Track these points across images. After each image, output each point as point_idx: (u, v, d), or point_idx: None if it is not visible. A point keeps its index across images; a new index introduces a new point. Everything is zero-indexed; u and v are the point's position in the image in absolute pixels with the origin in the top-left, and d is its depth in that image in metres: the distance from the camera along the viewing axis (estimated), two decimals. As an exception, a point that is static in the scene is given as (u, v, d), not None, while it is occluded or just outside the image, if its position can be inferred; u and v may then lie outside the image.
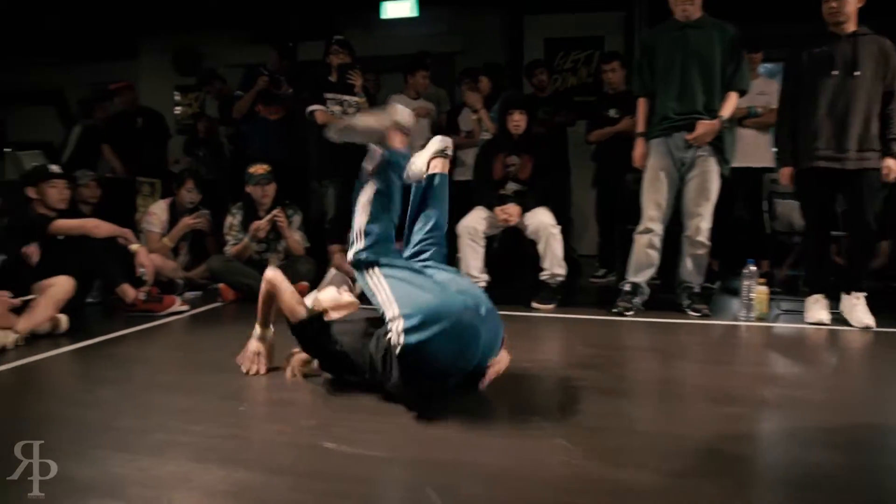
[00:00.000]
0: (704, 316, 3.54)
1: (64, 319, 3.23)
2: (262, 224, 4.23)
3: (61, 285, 3.20)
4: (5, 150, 5.44)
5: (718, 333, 3.31)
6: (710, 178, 3.55)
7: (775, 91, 4.38)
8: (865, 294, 3.32)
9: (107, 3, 6.56)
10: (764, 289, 3.49)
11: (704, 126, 3.48)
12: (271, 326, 2.49)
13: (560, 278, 3.88)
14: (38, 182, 3.67)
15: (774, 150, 3.56)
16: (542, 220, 3.87)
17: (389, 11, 6.59)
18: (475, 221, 3.94)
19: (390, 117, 2.36)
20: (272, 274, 2.38)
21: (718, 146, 3.53)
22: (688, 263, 3.66)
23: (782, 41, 3.64)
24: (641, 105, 3.75)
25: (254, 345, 2.47)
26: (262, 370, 2.44)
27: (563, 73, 6.60)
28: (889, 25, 3.35)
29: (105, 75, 7.14)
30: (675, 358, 2.84)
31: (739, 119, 4.42)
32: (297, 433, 1.85)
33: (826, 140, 3.24)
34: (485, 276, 3.92)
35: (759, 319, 3.44)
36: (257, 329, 2.48)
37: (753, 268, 3.48)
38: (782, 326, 3.39)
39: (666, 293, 3.92)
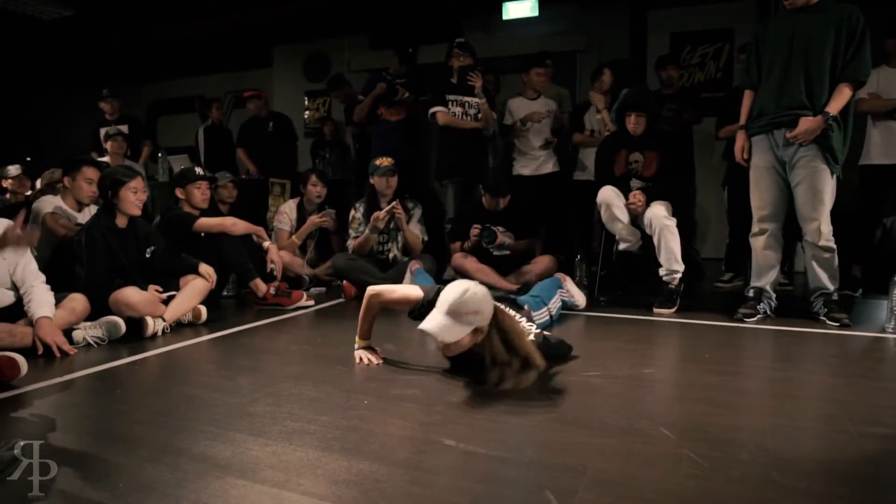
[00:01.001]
0: (844, 326, 3.26)
1: (204, 310, 3.52)
2: (381, 214, 4.35)
3: (202, 280, 3.49)
4: (159, 154, 6.02)
5: (860, 346, 3.03)
6: (819, 179, 3.24)
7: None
8: None
9: (245, 17, 7.04)
10: (916, 298, 3.16)
11: (807, 123, 3.20)
12: (368, 340, 2.70)
13: (677, 275, 3.73)
14: (186, 184, 4.01)
15: None
16: (655, 213, 3.75)
17: (511, 12, 6.59)
18: (611, 192, 3.92)
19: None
20: (374, 289, 2.59)
21: (826, 144, 3.21)
22: (815, 269, 3.39)
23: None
24: (747, 98, 3.54)
25: (359, 353, 2.67)
26: (377, 361, 2.63)
27: (689, 69, 6.31)
28: None
29: (243, 83, 7.70)
30: (808, 370, 2.64)
31: (891, 111, 4.05)
32: (417, 428, 1.90)
33: None
34: (636, 236, 3.93)
35: (911, 332, 3.13)
36: (357, 342, 2.70)
37: (905, 275, 3.16)
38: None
39: (803, 301, 3.65)
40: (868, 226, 4.31)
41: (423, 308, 2.41)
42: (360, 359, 2.65)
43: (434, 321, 2.19)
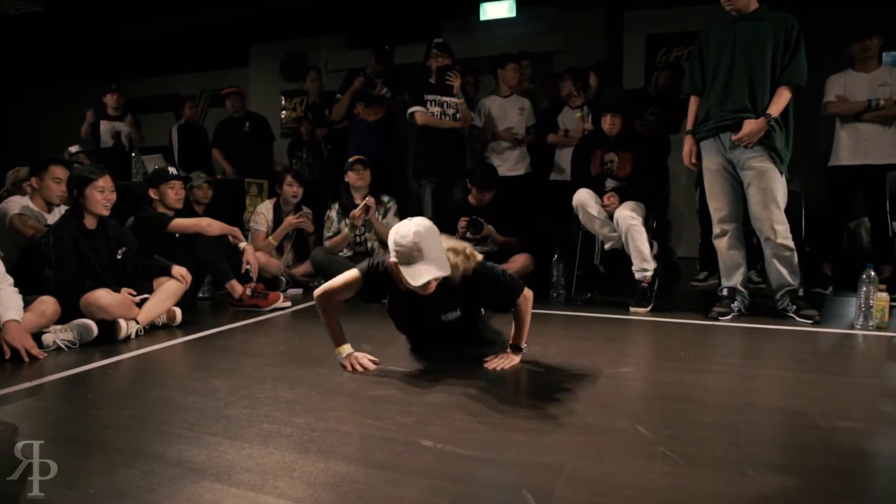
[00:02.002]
0: (815, 323, 3.33)
1: (178, 312, 3.47)
2: (356, 212, 4.39)
3: (175, 282, 3.44)
4: (132, 154, 5.95)
5: (830, 342, 3.10)
6: (768, 179, 3.34)
7: (901, 81, 4.08)
8: None
9: (222, 15, 6.98)
10: (884, 296, 3.23)
11: (750, 125, 3.30)
12: (346, 343, 2.59)
13: (648, 273, 3.77)
14: (159, 184, 3.96)
15: None
16: (621, 213, 3.82)
17: (489, 13, 6.61)
18: (586, 194, 3.96)
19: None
20: (318, 291, 2.55)
21: (770, 145, 3.31)
22: (776, 266, 3.47)
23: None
24: (692, 103, 3.62)
25: (347, 361, 2.55)
26: (371, 366, 2.53)
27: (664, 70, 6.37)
28: None
29: (219, 82, 7.62)
30: (780, 367, 2.69)
31: (858, 113, 4.13)
32: (394, 429, 1.89)
33: None
34: (615, 234, 3.94)
35: (879, 329, 3.19)
36: (338, 351, 2.57)
37: (873, 273, 3.23)
38: (907, 337, 3.14)
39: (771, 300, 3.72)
40: (837, 225, 4.40)
41: (369, 284, 2.48)
42: (352, 367, 2.52)
43: (426, 269, 2.24)
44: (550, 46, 6.69)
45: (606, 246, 4.06)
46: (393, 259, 2.35)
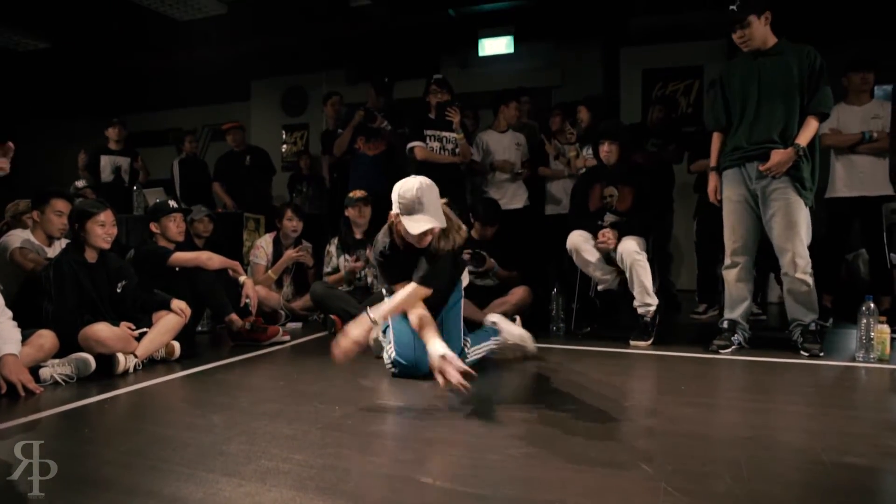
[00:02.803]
0: (815, 356, 3.31)
1: (177, 346, 3.46)
2: (355, 266, 4.46)
3: (175, 316, 3.43)
4: (134, 187, 5.98)
5: (832, 375, 3.08)
6: (793, 210, 3.34)
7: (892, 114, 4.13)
8: None
9: (224, 51, 7.11)
10: (885, 328, 3.22)
11: (779, 155, 3.31)
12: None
13: (651, 307, 3.76)
14: (160, 217, 3.98)
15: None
16: (626, 248, 3.79)
17: (488, 49, 6.72)
18: (580, 237, 3.96)
19: None
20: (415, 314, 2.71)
21: (797, 175, 3.32)
22: (791, 301, 3.46)
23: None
24: (715, 140, 3.65)
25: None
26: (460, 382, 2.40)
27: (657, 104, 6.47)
28: None
29: (221, 116, 7.72)
30: (782, 401, 2.67)
31: (852, 145, 4.18)
32: (393, 466, 1.87)
33: None
34: (610, 275, 3.96)
35: (881, 361, 3.18)
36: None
37: (872, 305, 3.22)
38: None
39: (776, 331, 3.71)
40: (836, 257, 4.41)
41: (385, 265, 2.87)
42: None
43: (425, 220, 2.58)
44: (548, 82, 6.80)
45: (600, 287, 4.05)
46: (395, 211, 2.65)
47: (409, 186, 2.62)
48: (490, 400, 2.57)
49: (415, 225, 2.58)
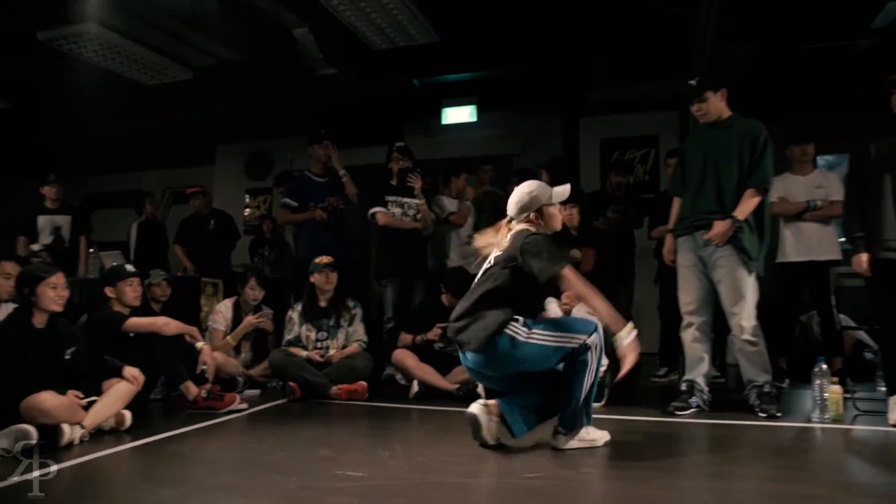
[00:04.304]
0: (772, 417, 3.35)
1: (128, 416, 3.31)
2: (313, 356, 4.30)
3: (126, 384, 3.31)
4: (90, 250, 5.80)
5: (789, 436, 3.12)
6: (737, 277, 3.48)
7: (833, 183, 4.36)
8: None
9: (189, 116, 7.15)
10: (837, 388, 3.30)
11: (718, 226, 3.48)
12: None
13: (602, 368, 3.76)
14: (116, 281, 3.90)
15: (843, 239, 3.45)
16: (581, 310, 3.84)
17: (450, 117, 6.89)
18: (555, 309, 3.97)
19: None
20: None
21: (738, 245, 3.48)
22: (744, 361, 3.55)
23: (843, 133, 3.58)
24: (675, 205, 3.84)
25: None
26: None
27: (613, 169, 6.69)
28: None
29: (184, 179, 7.69)
30: (741, 464, 2.67)
31: (799, 213, 4.37)
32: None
33: (894, 232, 3.16)
34: None
35: (835, 421, 3.24)
36: None
37: (825, 366, 3.31)
38: (862, 429, 3.19)
39: (735, 393, 3.75)
40: (789, 319, 4.53)
41: None
42: None
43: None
44: (509, 150, 6.99)
45: None
46: (538, 204, 2.84)
47: (524, 189, 2.86)
48: (454, 472, 2.52)
49: (563, 190, 2.84)
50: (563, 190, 2.84)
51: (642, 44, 5.60)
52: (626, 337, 2.57)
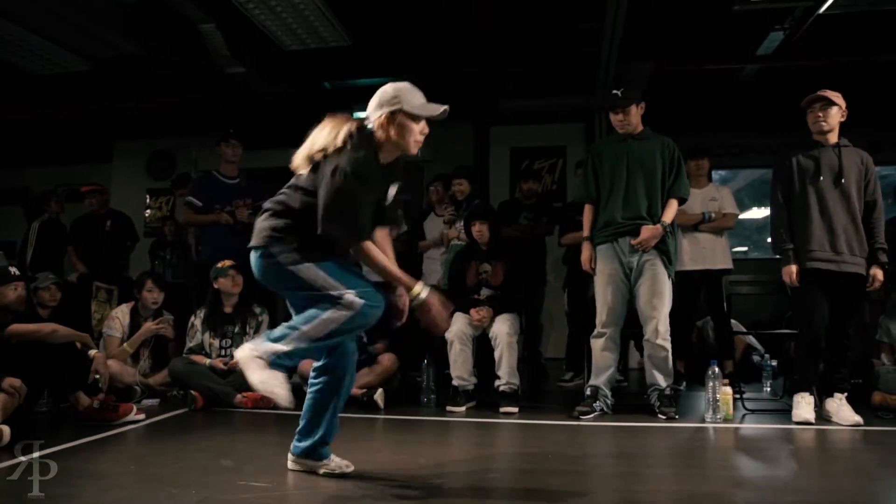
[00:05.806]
0: (671, 419, 3.53)
1: (6, 431, 3.02)
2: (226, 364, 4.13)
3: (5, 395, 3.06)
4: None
5: (685, 436, 3.29)
6: (660, 281, 3.65)
7: (726, 196, 4.66)
8: (846, 394, 3.42)
9: (83, 109, 6.73)
10: (728, 390, 3.51)
11: (649, 231, 3.64)
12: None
13: (514, 387, 3.89)
14: (-3, 285, 3.61)
15: (773, 249, 3.66)
16: (499, 330, 3.93)
17: (359, 119, 6.83)
18: (463, 326, 3.98)
19: None
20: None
21: (663, 249, 3.67)
22: (650, 366, 3.71)
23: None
24: (587, 212, 3.92)
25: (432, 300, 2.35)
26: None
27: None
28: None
29: (78, 177, 7.20)
30: (642, 464, 2.79)
31: (695, 224, 4.62)
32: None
33: (819, 243, 3.41)
34: (473, 380, 3.96)
35: (726, 421, 3.45)
36: (415, 290, 2.34)
37: (717, 369, 3.51)
38: (749, 427, 3.42)
39: (636, 397, 3.92)
40: (685, 324, 4.78)
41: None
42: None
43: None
44: (420, 157, 6.99)
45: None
46: (389, 108, 2.38)
47: (384, 90, 2.43)
48: (365, 477, 2.48)
49: (434, 106, 2.41)
50: (435, 107, 2.46)
51: (552, 58, 5.76)
52: (423, 291, 2.33)
